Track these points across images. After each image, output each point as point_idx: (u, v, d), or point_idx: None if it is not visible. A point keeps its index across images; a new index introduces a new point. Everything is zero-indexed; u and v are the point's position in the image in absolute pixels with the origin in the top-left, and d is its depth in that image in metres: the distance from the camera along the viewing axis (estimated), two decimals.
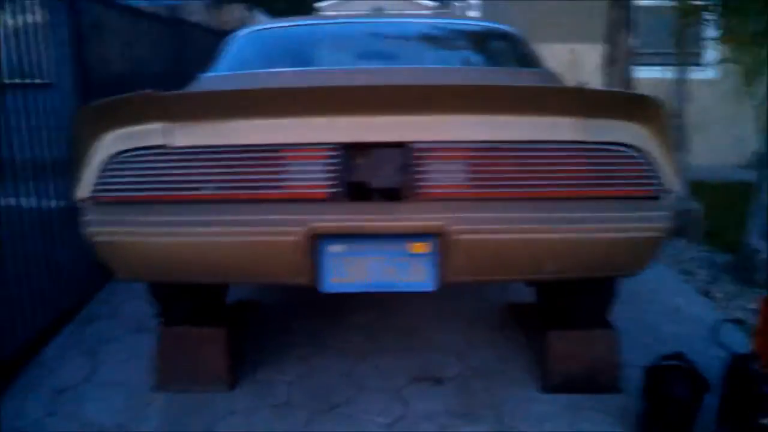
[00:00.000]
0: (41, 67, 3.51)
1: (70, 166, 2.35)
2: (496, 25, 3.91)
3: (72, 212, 3.66)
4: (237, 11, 10.07)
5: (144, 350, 3.20)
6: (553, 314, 3.19)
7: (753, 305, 3.90)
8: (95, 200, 2.34)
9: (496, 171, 2.34)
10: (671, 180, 2.34)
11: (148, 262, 2.43)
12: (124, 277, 2.51)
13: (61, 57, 3.75)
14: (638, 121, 2.31)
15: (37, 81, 3.48)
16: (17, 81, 3.26)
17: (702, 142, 7.45)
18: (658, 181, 2.34)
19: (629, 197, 2.38)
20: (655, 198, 2.37)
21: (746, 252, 4.31)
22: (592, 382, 2.92)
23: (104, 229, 2.37)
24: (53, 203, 3.58)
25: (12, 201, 3.10)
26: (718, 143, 8.47)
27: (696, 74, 5.83)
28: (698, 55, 7.15)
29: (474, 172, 2.35)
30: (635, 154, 2.32)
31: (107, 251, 2.42)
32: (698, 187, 6.07)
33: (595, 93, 2.39)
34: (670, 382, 2.63)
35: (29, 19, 3.37)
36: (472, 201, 2.36)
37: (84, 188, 2.32)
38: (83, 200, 2.34)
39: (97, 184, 2.32)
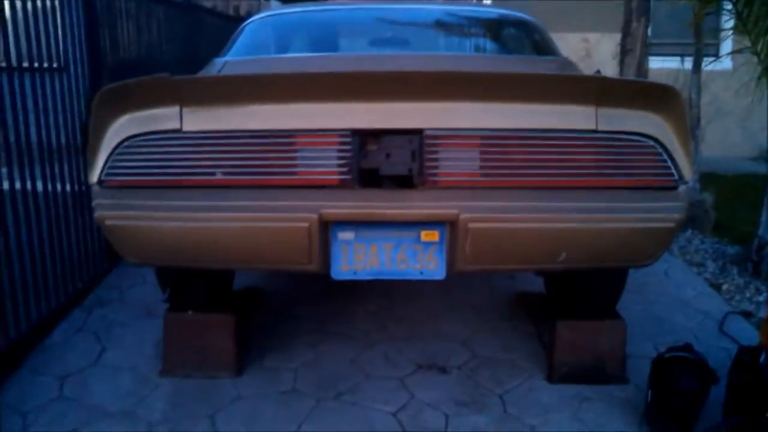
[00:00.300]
0: (54, 50, 3.51)
1: (84, 150, 2.35)
2: (512, 13, 3.88)
3: (81, 195, 3.72)
4: None
5: (151, 335, 3.23)
6: (562, 304, 3.19)
7: (761, 297, 3.90)
8: (107, 184, 2.35)
9: (510, 159, 2.32)
10: (687, 171, 2.32)
11: (157, 247, 2.43)
12: (134, 261, 2.51)
13: (74, 41, 3.75)
14: (656, 111, 2.29)
15: (50, 65, 3.47)
16: (29, 65, 3.26)
17: (714, 133, 7.42)
18: (675, 171, 2.32)
19: (645, 187, 2.36)
20: (671, 188, 2.36)
21: (756, 244, 4.28)
22: (599, 372, 2.92)
23: (115, 213, 2.38)
24: (62, 186, 3.59)
25: (21, 184, 3.11)
26: (731, 135, 8.44)
27: (710, 65, 5.77)
28: (713, 45, 7.09)
29: (487, 160, 2.33)
30: (652, 144, 2.30)
31: (118, 235, 2.43)
32: (709, 179, 6.04)
33: (613, 82, 2.37)
34: (678, 374, 2.62)
35: (42, 2, 3.36)
36: (484, 189, 2.35)
37: (96, 171, 2.32)
38: (96, 183, 2.35)
39: (110, 167, 2.32)
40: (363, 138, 2.31)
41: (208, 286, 3.01)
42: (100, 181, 2.34)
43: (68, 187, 3.66)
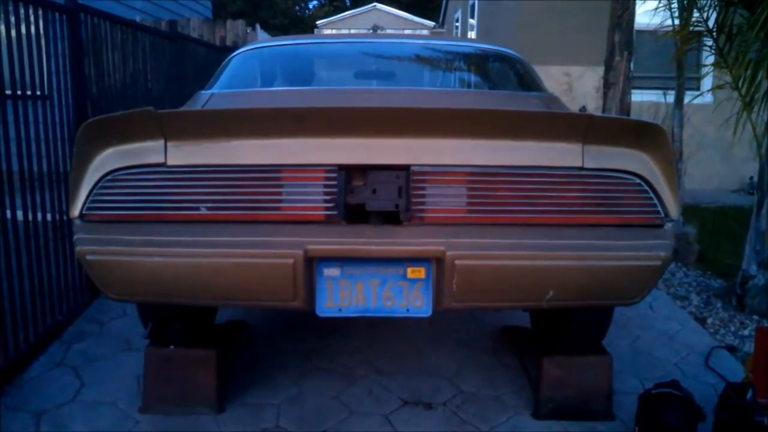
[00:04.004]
0: (39, 79, 3.49)
1: (69, 182, 2.32)
2: (498, 48, 3.91)
3: (62, 225, 3.66)
4: (237, 27, 10.09)
5: (131, 370, 3.18)
6: (548, 339, 3.17)
7: (746, 332, 3.90)
8: (89, 218, 2.32)
9: (497, 196, 2.32)
10: (673, 208, 2.33)
11: (139, 283, 2.38)
12: (114, 297, 2.46)
13: (60, 70, 3.73)
14: (642, 149, 2.31)
15: (34, 93, 3.44)
16: (12, 92, 3.22)
17: (696, 165, 7.52)
18: (661, 209, 2.33)
19: (632, 225, 2.36)
20: (658, 226, 2.36)
21: (740, 277, 4.30)
22: (585, 408, 2.89)
23: (96, 248, 2.33)
24: (42, 216, 3.54)
25: (0, 213, 3.05)
26: (713, 167, 8.55)
27: (691, 99, 5.85)
28: (695, 79, 7.20)
29: (474, 196, 2.33)
30: (638, 181, 2.31)
31: (99, 271, 2.37)
32: (692, 211, 6.09)
33: (600, 120, 2.38)
34: (664, 410, 2.61)
35: (28, 30, 3.34)
36: (471, 226, 2.34)
37: (78, 205, 2.30)
38: (77, 217, 2.31)
39: (92, 201, 2.30)
40: (349, 173, 2.30)
41: (190, 320, 2.96)
42: (81, 215, 2.31)
43: (49, 217, 3.61)
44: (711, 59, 5.02)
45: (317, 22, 34.50)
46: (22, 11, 3.27)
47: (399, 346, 3.58)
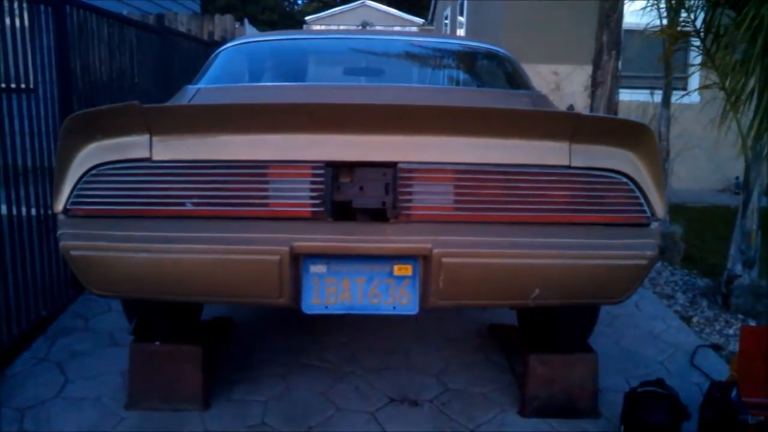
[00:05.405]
0: (24, 72, 3.45)
1: (53, 177, 2.29)
2: (486, 46, 3.91)
3: (47, 220, 3.63)
4: (225, 22, 10.05)
5: (117, 366, 3.15)
6: (534, 337, 3.17)
7: (731, 331, 3.93)
8: (73, 212, 2.29)
9: (483, 194, 2.31)
10: (659, 208, 2.34)
11: (124, 279, 2.36)
12: (99, 293, 2.44)
13: (45, 63, 3.69)
14: (629, 149, 2.31)
15: (18, 86, 3.41)
16: None
17: (683, 165, 7.55)
18: (648, 208, 2.33)
19: (618, 224, 2.36)
20: (644, 225, 2.36)
21: (725, 277, 4.33)
22: (571, 406, 2.90)
23: (80, 243, 2.31)
24: (27, 211, 3.50)
25: None
26: (699, 167, 8.59)
27: (678, 99, 5.88)
28: (682, 79, 7.24)
29: (461, 194, 2.32)
30: (625, 180, 2.31)
31: (83, 266, 2.35)
32: (678, 210, 6.12)
33: (587, 119, 2.38)
34: (649, 409, 2.62)
35: (13, 22, 3.31)
36: (458, 224, 2.33)
37: (62, 200, 2.27)
38: (61, 212, 2.29)
39: (76, 196, 2.27)
40: (336, 170, 2.29)
41: (176, 317, 2.94)
42: (65, 210, 2.29)
43: (33, 212, 3.57)
44: (698, 59, 5.04)
45: (306, 18, 34.39)
46: (6, 3, 3.23)
47: (386, 343, 3.58)
